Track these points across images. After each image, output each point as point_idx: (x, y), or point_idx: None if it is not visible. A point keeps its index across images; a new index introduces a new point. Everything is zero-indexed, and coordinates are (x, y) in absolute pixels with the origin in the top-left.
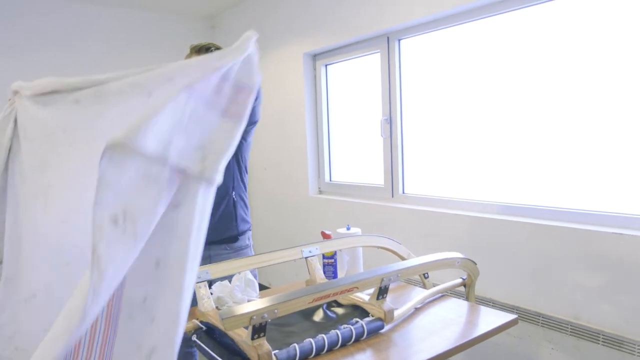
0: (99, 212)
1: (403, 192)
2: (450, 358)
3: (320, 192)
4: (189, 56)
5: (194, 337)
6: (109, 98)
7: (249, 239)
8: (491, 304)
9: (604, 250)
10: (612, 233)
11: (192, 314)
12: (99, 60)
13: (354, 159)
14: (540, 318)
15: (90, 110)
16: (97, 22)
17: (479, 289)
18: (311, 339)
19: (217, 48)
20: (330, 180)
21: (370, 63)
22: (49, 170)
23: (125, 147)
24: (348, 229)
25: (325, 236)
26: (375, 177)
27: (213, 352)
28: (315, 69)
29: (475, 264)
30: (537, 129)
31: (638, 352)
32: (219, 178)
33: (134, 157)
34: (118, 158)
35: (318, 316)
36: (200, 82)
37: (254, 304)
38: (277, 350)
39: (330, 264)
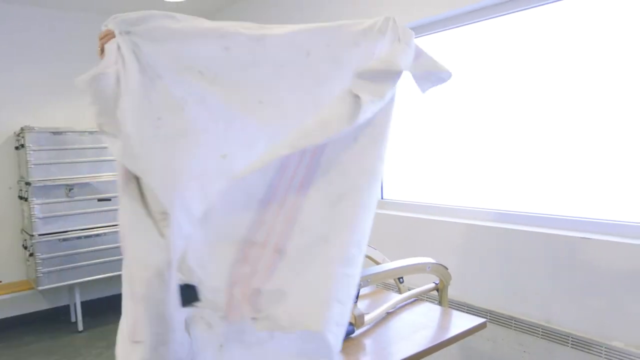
0: None
1: (382, 198)
2: None
3: None
4: None
5: None
6: (267, 50)
7: None
8: (466, 308)
9: (573, 255)
10: (581, 238)
11: None
12: (82, 65)
13: None
14: (513, 322)
15: (243, 59)
16: (80, 28)
17: (456, 294)
18: None
19: None
20: None
21: None
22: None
23: None
24: None
25: None
26: None
27: None
28: None
29: (447, 269)
30: (507, 136)
31: (605, 354)
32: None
33: None
34: None
35: None
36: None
37: None
38: None
39: None
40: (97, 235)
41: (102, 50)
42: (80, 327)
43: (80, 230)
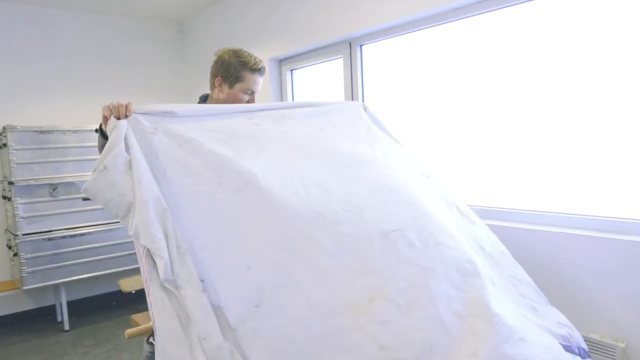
0: None
1: None
2: None
3: None
4: (244, 72)
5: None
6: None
7: None
8: None
9: (548, 250)
10: (556, 233)
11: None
12: (67, 66)
13: None
14: None
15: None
16: (64, 26)
17: None
18: None
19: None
20: None
21: (335, 67)
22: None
23: None
24: None
25: None
26: None
27: None
28: (281, 74)
29: None
30: (493, 134)
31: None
32: None
33: None
34: None
35: None
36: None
37: None
38: None
39: None
40: (82, 234)
41: (105, 119)
42: (67, 326)
43: (65, 230)
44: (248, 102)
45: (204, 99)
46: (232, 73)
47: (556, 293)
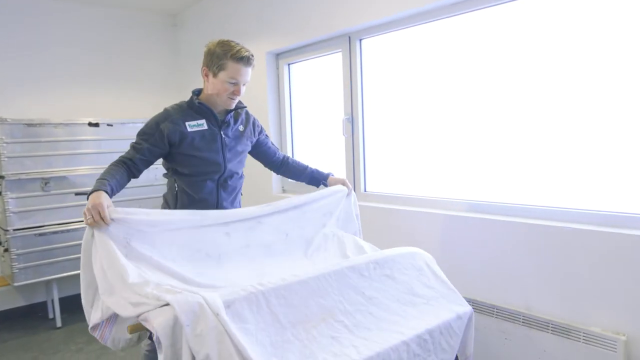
0: None
1: (365, 190)
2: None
3: (284, 191)
4: (228, 61)
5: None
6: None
7: None
8: None
9: (551, 243)
10: (559, 227)
11: None
12: (58, 58)
13: (317, 158)
14: (495, 310)
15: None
16: (56, 17)
17: None
18: None
19: (252, 56)
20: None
21: (333, 62)
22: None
23: None
24: None
25: None
26: (338, 175)
27: None
28: (278, 68)
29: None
30: (491, 129)
31: (584, 339)
32: None
33: None
34: None
35: None
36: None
37: None
38: None
39: None
40: (75, 230)
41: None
42: (59, 323)
43: (57, 225)
44: (233, 92)
45: (197, 93)
46: (214, 62)
47: (557, 286)
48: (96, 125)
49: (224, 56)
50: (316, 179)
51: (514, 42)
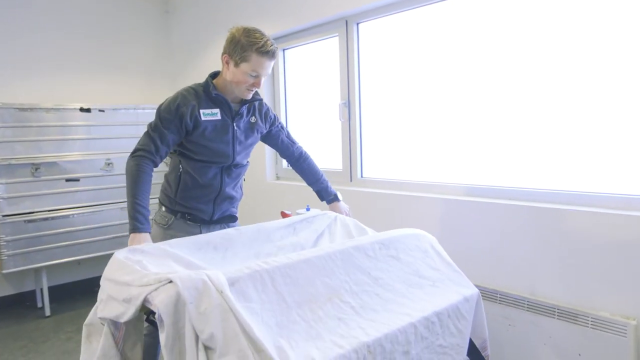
0: None
1: (361, 176)
2: None
3: (278, 177)
4: (252, 53)
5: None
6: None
7: None
8: None
9: (556, 227)
10: (564, 209)
11: None
12: (49, 43)
13: (313, 143)
14: (498, 295)
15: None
16: (48, 4)
17: None
18: None
19: (276, 47)
20: (288, 165)
21: (329, 47)
22: None
23: None
24: (308, 209)
25: (285, 215)
26: (334, 161)
27: None
28: None
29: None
30: (490, 112)
31: (592, 324)
32: None
33: None
34: None
35: None
36: None
37: None
38: None
39: None
40: (65, 216)
41: None
42: (48, 312)
43: (47, 212)
44: (253, 84)
45: (212, 76)
46: (238, 52)
47: (565, 270)
48: (88, 110)
49: (249, 48)
50: (322, 196)
51: (512, 24)
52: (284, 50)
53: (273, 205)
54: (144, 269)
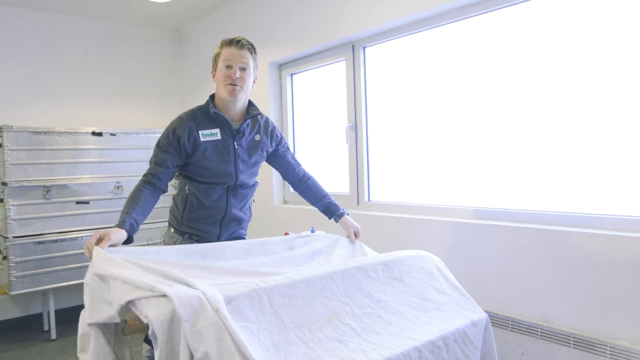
0: None
1: (369, 200)
2: None
3: (285, 201)
4: (222, 49)
5: None
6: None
7: None
8: None
9: (571, 251)
10: (579, 232)
11: None
12: (64, 69)
13: (320, 166)
14: (510, 322)
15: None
16: (64, 30)
17: None
18: None
19: (249, 42)
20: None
21: (336, 71)
22: None
23: None
24: (312, 231)
25: None
26: (341, 185)
27: None
28: (280, 79)
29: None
30: (497, 135)
31: (610, 354)
32: None
33: None
34: None
35: None
36: None
37: None
38: None
39: None
40: (74, 238)
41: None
42: (53, 335)
43: (57, 234)
44: (229, 76)
45: (213, 97)
46: (214, 57)
47: (580, 296)
48: (99, 134)
49: (219, 47)
50: (331, 211)
51: (521, 47)
52: (291, 75)
53: (279, 228)
54: (131, 268)
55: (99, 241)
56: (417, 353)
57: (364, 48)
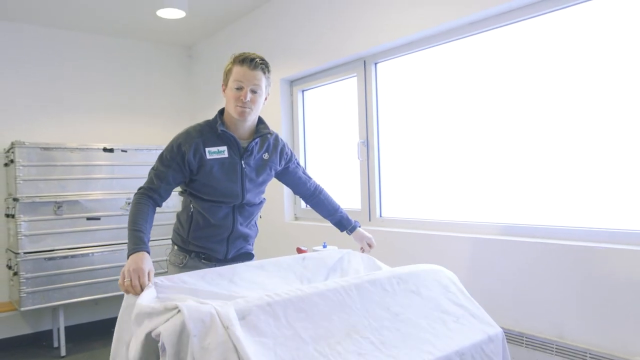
0: None
1: (380, 216)
2: None
3: (296, 218)
4: (233, 65)
5: None
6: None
7: None
8: None
9: (586, 266)
10: (594, 247)
11: None
12: (76, 85)
13: (332, 182)
14: (524, 338)
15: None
16: (76, 47)
17: None
18: None
19: (263, 60)
20: (307, 206)
21: (348, 87)
22: None
23: None
24: (324, 246)
25: (300, 251)
26: (353, 201)
27: None
28: (292, 95)
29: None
30: (510, 149)
31: None
32: None
33: None
34: None
35: None
36: None
37: None
38: None
39: None
40: (85, 255)
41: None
42: (63, 352)
43: (67, 250)
44: (239, 98)
45: (220, 112)
46: (225, 74)
47: (596, 311)
48: (111, 150)
49: (230, 63)
50: (343, 225)
51: (535, 60)
52: (302, 91)
53: (291, 244)
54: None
55: (139, 278)
56: None
57: (375, 64)
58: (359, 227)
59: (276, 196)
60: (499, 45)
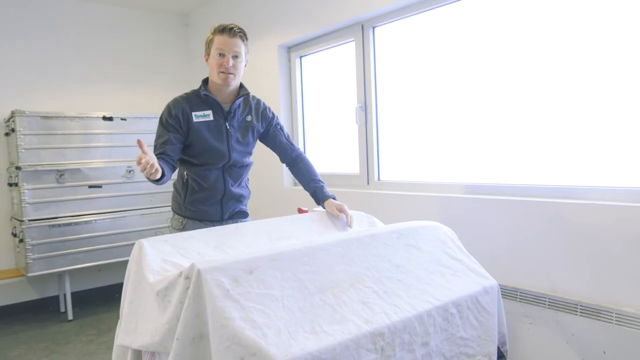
0: None
1: (379, 179)
2: None
3: (295, 183)
4: (214, 35)
5: None
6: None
7: None
8: None
9: (577, 221)
10: (584, 204)
11: None
12: (73, 54)
13: (330, 148)
14: (518, 293)
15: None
16: (74, 15)
17: None
18: None
19: (240, 29)
20: None
21: (345, 52)
22: None
23: None
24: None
25: (301, 211)
26: (352, 165)
27: None
28: (290, 61)
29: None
30: (500, 111)
31: (616, 321)
32: None
33: None
34: None
35: None
36: None
37: None
38: None
39: None
40: (87, 222)
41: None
42: (70, 316)
43: (71, 217)
44: (222, 64)
45: (205, 81)
46: (207, 44)
47: (586, 265)
48: (110, 119)
49: (210, 34)
50: (317, 196)
51: (521, 25)
52: (300, 57)
53: (290, 209)
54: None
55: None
56: (431, 320)
57: (373, 28)
58: (333, 198)
59: (276, 163)
60: (494, 9)
